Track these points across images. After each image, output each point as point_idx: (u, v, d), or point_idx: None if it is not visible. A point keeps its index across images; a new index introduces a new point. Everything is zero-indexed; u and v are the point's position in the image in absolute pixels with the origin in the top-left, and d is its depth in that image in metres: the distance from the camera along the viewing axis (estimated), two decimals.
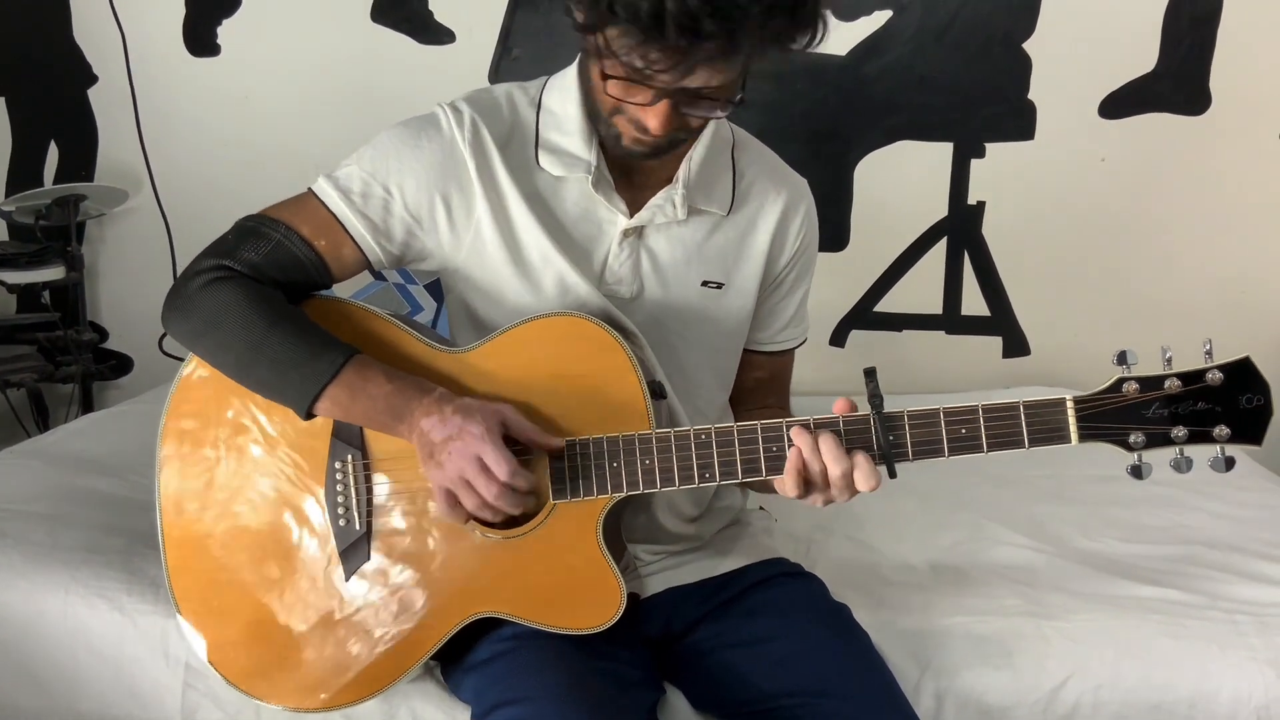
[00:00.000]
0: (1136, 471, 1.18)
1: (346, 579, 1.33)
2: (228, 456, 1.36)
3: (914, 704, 1.35)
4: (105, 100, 2.91)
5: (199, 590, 1.36)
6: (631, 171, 1.37)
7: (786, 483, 1.22)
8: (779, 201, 1.45)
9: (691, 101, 1.20)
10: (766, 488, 1.30)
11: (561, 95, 1.37)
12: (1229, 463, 1.16)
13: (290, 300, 1.32)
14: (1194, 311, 2.80)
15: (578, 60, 1.37)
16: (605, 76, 1.20)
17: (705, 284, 1.41)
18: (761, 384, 1.54)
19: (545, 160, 1.36)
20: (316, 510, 1.34)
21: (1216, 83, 2.69)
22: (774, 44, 1.15)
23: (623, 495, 1.27)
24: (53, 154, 2.96)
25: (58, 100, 2.92)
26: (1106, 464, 1.21)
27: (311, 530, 1.34)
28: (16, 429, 2.87)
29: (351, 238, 1.32)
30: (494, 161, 1.34)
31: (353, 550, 1.32)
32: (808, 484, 1.22)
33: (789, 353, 1.55)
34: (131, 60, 2.86)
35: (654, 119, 1.21)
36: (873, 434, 1.21)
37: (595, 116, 1.30)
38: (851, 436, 1.21)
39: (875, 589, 1.69)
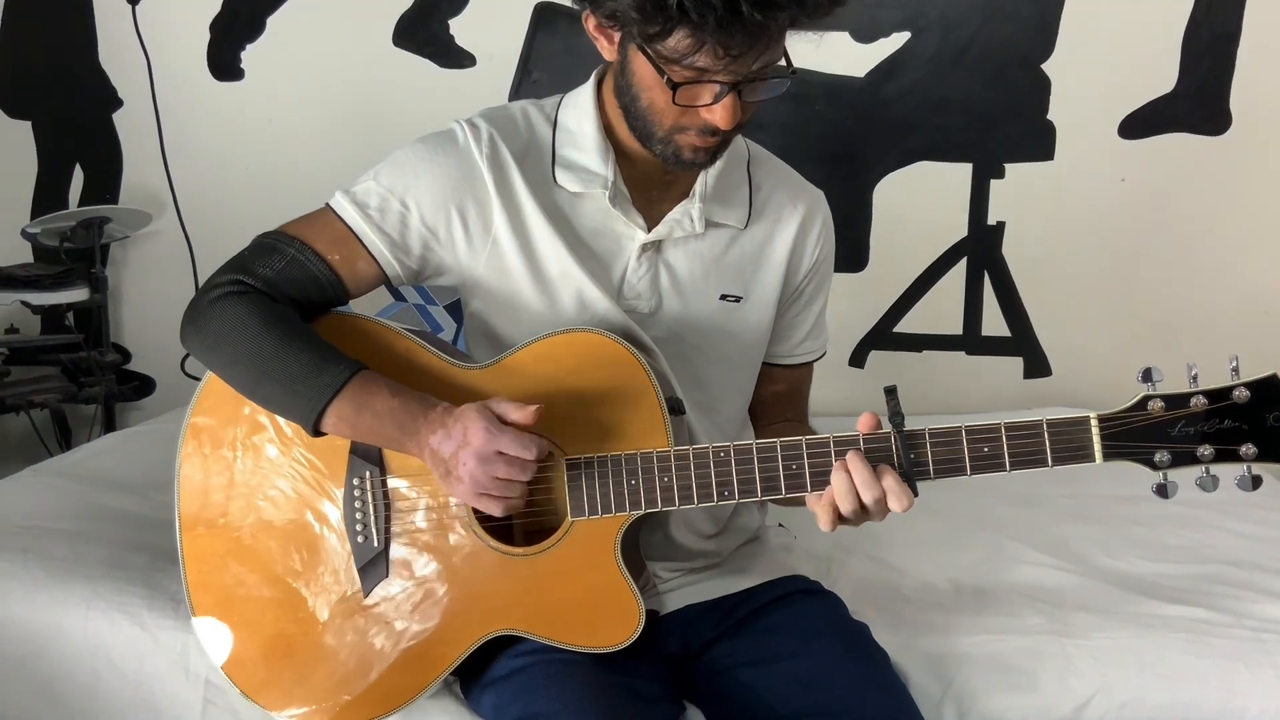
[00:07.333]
0: (1162, 490, 1.17)
1: (365, 595, 1.33)
2: (246, 465, 1.36)
3: None
4: (130, 124, 2.93)
5: (217, 603, 1.36)
6: (648, 187, 1.37)
7: (821, 520, 1.22)
8: (796, 214, 1.45)
9: (753, 85, 1.21)
10: (790, 502, 1.29)
11: (577, 113, 1.37)
12: (1255, 481, 1.15)
13: (306, 316, 1.32)
14: (1216, 331, 2.77)
15: (594, 80, 1.38)
16: (674, 85, 1.19)
17: (724, 297, 1.42)
18: (780, 397, 1.54)
19: (562, 177, 1.36)
20: (335, 526, 1.34)
21: (1236, 102, 2.68)
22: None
23: (641, 513, 1.27)
24: (78, 177, 2.99)
25: (83, 124, 2.95)
26: (1129, 483, 1.20)
27: (330, 546, 1.34)
28: (39, 449, 2.88)
29: (369, 252, 1.33)
30: (512, 176, 1.34)
31: (371, 566, 1.33)
32: (843, 517, 1.21)
33: (808, 366, 1.55)
34: (156, 84, 2.89)
35: (724, 114, 1.21)
36: (894, 452, 1.20)
37: (648, 139, 1.28)
38: (872, 454, 1.20)
39: (896, 608, 1.68)
